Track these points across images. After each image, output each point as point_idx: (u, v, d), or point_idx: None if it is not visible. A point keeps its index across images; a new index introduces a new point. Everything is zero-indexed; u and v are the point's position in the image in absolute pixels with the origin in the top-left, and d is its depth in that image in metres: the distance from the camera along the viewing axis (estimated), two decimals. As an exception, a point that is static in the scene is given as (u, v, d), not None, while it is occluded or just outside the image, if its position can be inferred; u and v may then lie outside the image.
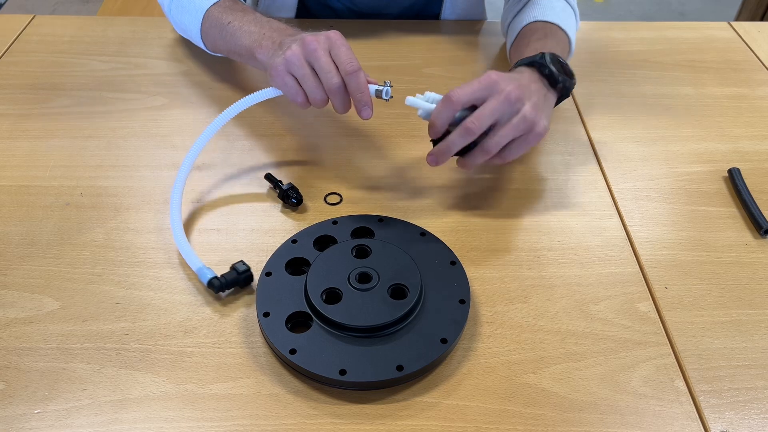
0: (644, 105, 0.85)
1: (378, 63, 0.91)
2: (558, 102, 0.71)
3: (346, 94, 0.64)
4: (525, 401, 0.52)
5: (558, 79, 0.68)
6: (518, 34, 0.83)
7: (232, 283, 0.58)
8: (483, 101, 0.63)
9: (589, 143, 0.79)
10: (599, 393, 0.52)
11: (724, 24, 1.04)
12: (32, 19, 0.98)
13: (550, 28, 0.80)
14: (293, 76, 0.64)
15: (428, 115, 0.64)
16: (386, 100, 0.65)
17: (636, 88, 0.89)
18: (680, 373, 0.54)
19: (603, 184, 0.73)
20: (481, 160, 0.64)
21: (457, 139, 0.63)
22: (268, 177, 0.70)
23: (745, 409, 0.52)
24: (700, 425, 0.51)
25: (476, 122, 0.62)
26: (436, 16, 1.04)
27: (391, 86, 0.65)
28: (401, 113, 0.82)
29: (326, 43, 0.63)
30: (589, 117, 0.83)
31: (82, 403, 0.51)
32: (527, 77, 0.68)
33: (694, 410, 0.52)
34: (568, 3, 0.86)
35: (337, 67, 0.63)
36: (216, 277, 0.58)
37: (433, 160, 0.65)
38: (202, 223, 0.66)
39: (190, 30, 0.81)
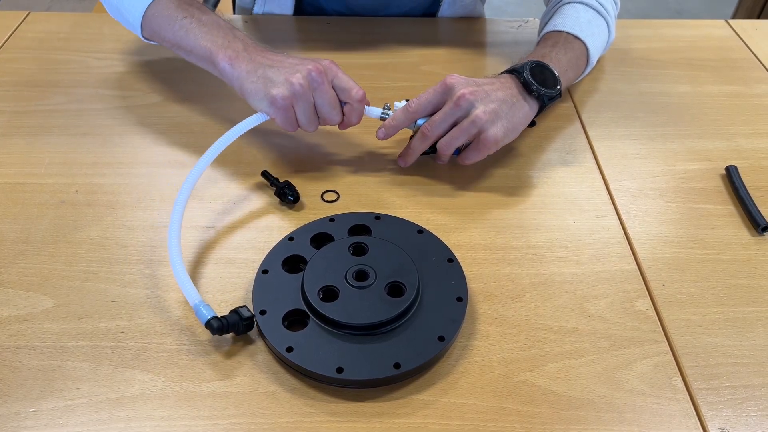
0: (641, 103, 0.85)
1: (375, 61, 0.91)
2: (540, 111, 0.71)
3: (340, 119, 0.68)
4: (522, 399, 0.52)
5: (532, 87, 0.69)
6: (537, 42, 0.83)
7: (232, 327, 0.54)
8: (441, 106, 0.68)
9: (586, 141, 0.78)
10: (597, 391, 0.52)
11: (721, 22, 1.04)
12: (27, 15, 0.97)
13: (564, 38, 0.78)
14: (294, 109, 0.65)
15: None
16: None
17: (633, 86, 0.88)
18: (678, 370, 0.54)
19: (600, 181, 0.73)
20: (441, 161, 0.71)
21: (417, 143, 0.69)
22: (265, 174, 0.70)
23: (743, 407, 0.52)
24: (698, 423, 0.51)
25: (429, 127, 0.68)
26: (433, 13, 1.04)
27: (390, 109, 0.70)
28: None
29: (329, 74, 0.65)
30: (587, 115, 0.83)
31: (78, 401, 0.50)
32: (497, 84, 0.69)
33: (692, 408, 0.52)
34: (600, 14, 0.83)
35: (337, 100, 0.66)
36: (216, 318, 0.53)
37: (402, 161, 0.72)
38: (198, 220, 0.65)
39: (127, 11, 0.76)
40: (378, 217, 0.64)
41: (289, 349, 0.52)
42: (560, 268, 0.62)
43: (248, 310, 0.54)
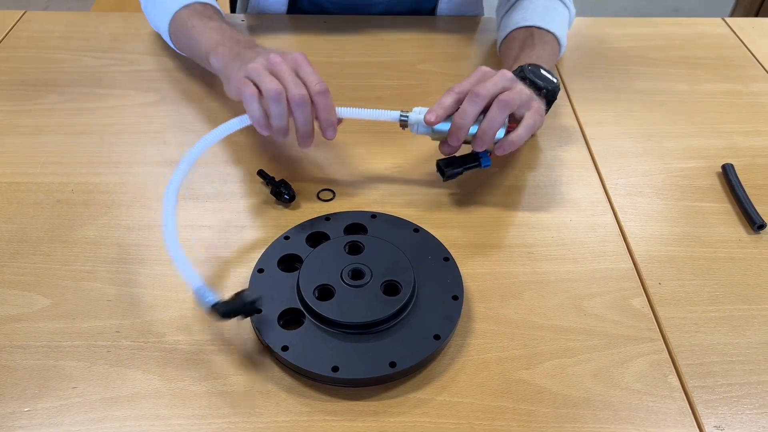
0: (638, 101, 0.85)
1: (372, 59, 0.91)
2: (547, 109, 0.72)
3: (310, 110, 0.61)
4: (518, 397, 0.52)
5: (540, 85, 0.70)
6: (503, 39, 0.85)
7: (239, 309, 0.52)
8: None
9: (582, 139, 0.78)
10: (593, 389, 0.52)
11: (719, 20, 1.04)
12: (23, 14, 0.97)
13: (537, 33, 0.80)
14: (254, 84, 0.61)
15: (423, 128, 0.65)
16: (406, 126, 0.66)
17: (630, 84, 0.88)
18: (673, 368, 0.54)
19: (597, 179, 0.72)
20: (485, 140, 0.63)
21: (467, 105, 0.62)
22: (260, 173, 0.70)
23: (738, 405, 0.52)
24: (693, 421, 0.51)
25: (482, 89, 0.62)
26: (431, 11, 1.04)
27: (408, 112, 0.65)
28: (395, 109, 0.81)
29: (292, 62, 0.62)
30: (583, 113, 0.83)
31: (73, 401, 0.50)
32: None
33: (687, 406, 0.52)
34: None
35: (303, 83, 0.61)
36: (222, 302, 0.52)
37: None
38: (194, 219, 0.65)
39: (160, 28, 0.83)
40: (374, 215, 0.64)
41: (285, 348, 0.52)
42: (556, 267, 0.62)
43: (251, 293, 0.53)
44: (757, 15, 2.18)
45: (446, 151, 0.66)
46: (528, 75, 0.70)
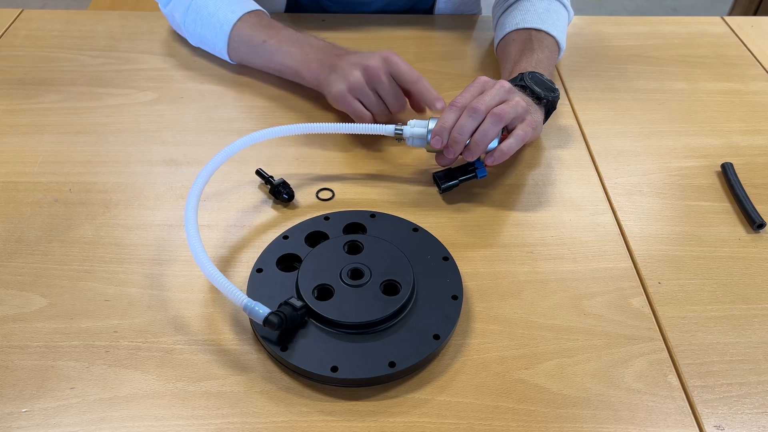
0: (637, 100, 0.85)
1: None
2: (546, 117, 0.73)
3: (404, 108, 0.73)
4: (518, 397, 0.51)
5: (541, 95, 0.70)
6: (501, 40, 0.85)
7: (291, 319, 0.52)
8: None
9: (582, 138, 0.78)
10: (592, 389, 0.52)
11: (717, 19, 1.04)
12: (20, 13, 0.97)
13: (536, 37, 0.80)
14: (359, 100, 0.71)
15: (418, 141, 0.68)
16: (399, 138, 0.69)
17: (629, 83, 0.88)
18: (673, 368, 0.54)
19: (596, 179, 0.72)
20: (476, 152, 0.65)
21: (465, 120, 0.64)
22: (259, 172, 0.69)
23: (738, 404, 0.52)
24: (693, 420, 0.51)
25: (480, 102, 0.64)
26: (429, 9, 1.03)
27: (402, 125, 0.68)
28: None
29: (385, 65, 0.70)
30: (582, 112, 0.83)
31: (71, 401, 0.50)
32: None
33: (687, 405, 0.52)
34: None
35: (397, 89, 0.71)
36: (273, 313, 0.51)
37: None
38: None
39: (213, 44, 0.83)
40: (373, 215, 0.64)
41: (284, 349, 0.51)
42: (556, 266, 0.62)
43: (297, 299, 0.53)
44: (755, 13, 2.18)
45: (442, 163, 0.68)
46: (528, 83, 0.70)
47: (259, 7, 0.83)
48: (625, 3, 2.96)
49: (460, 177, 0.68)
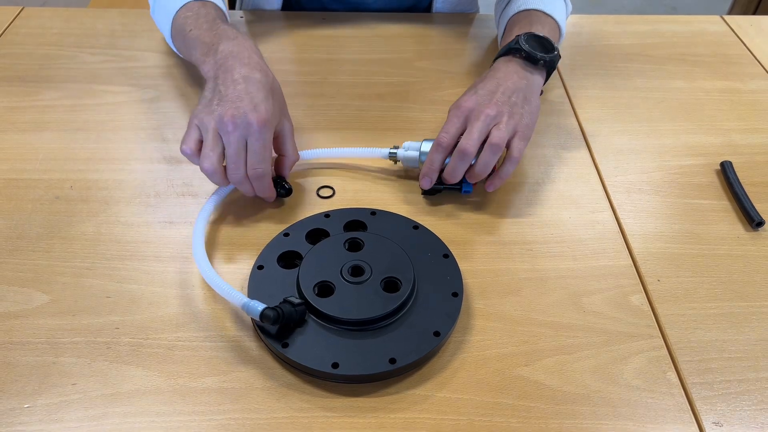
0: (637, 98, 0.85)
1: (370, 56, 0.91)
2: (547, 78, 0.72)
3: (249, 186, 0.62)
4: (518, 394, 0.52)
5: (536, 56, 0.69)
6: (506, 26, 0.83)
7: (288, 316, 0.52)
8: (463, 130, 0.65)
9: (581, 136, 0.79)
10: (592, 385, 0.52)
11: (717, 18, 1.04)
12: (21, 11, 0.97)
13: (535, 15, 0.80)
14: (199, 142, 0.61)
15: (412, 163, 0.69)
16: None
17: (628, 82, 0.89)
18: (672, 365, 0.54)
19: (595, 177, 0.73)
20: (474, 180, 0.66)
21: (456, 163, 0.64)
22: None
23: (737, 401, 0.52)
24: (692, 417, 0.51)
25: (469, 143, 0.63)
26: (428, 7, 1.03)
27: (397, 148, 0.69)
28: (393, 106, 0.81)
29: (245, 129, 0.59)
30: (582, 110, 0.83)
31: (72, 397, 0.50)
32: (503, 72, 0.69)
33: (686, 402, 0.52)
34: None
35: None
36: (270, 308, 0.51)
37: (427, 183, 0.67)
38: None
39: (165, 32, 0.80)
40: (373, 212, 0.64)
41: (285, 345, 0.52)
42: (555, 264, 0.62)
43: (296, 297, 0.54)
44: (755, 13, 2.18)
45: (424, 185, 0.67)
46: (523, 45, 0.69)
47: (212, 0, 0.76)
48: (624, 2, 2.96)
49: (446, 186, 0.68)
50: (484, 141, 0.64)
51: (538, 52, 0.70)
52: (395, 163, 0.71)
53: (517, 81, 0.68)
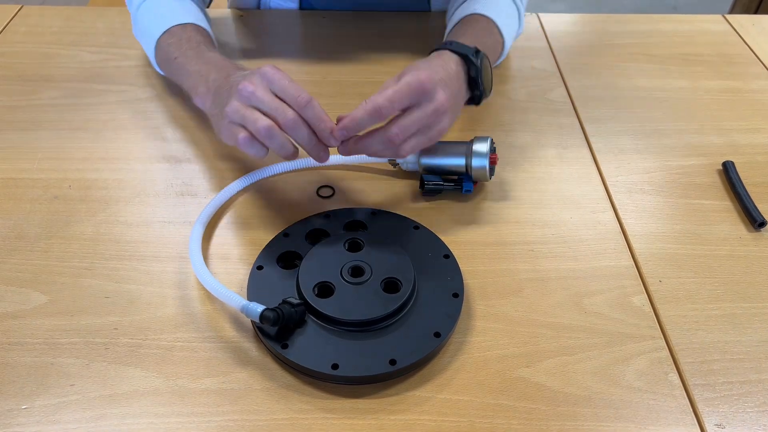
0: (638, 98, 0.85)
1: (370, 56, 0.91)
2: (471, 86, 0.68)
3: (305, 127, 0.57)
4: (519, 395, 0.51)
5: (480, 88, 0.67)
6: (457, 23, 0.80)
7: (288, 317, 0.52)
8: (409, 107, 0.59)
9: (583, 136, 0.78)
10: (593, 387, 0.52)
11: (718, 17, 1.04)
12: (20, 9, 0.97)
13: (489, 24, 0.77)
14: (242, 126, 0.57)
15: (412, 166, 0.69)
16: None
17: (630, 81, 0.88)
18: (674, 366, 0.54)
19: (597, 177, 0.72)
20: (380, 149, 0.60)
21: (375, 144, 0.59)
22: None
23: (739, 403, 0.52)
24: (694, 419, 0.50)
25: (401, 135, 0.59)
26: (427, 6, 1.03)
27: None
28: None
29: (262, 81, 0.57)
30: (583, 110, 0.82)
31: (71, 398, 0.50)
32: (453, 71, 0.65)
33: (688, 404, 0.51)
34: (515, 4, 0.83)
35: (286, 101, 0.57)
36: (269, 309, 0.51)
37: (343, 149, 0.61)
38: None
39: (149, 56, 0.78)
40: (374, 212, 0.64)
41: (284, 346, 0.51)
42: (557, 264, 0.62)
43: (296, 298, 0.53)
44: (756, 12, 2.18)
45: (342, 152, 0.61)
46: (480, 70, 0.67)
47: (193, 21, 0.75)
48: (625, 1, 2.95)
49: (445, 183, 0.67)
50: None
51: (482, 84, 0.67)
52: (395, 167, 0.71)
53: (458, 89, 0.65)
